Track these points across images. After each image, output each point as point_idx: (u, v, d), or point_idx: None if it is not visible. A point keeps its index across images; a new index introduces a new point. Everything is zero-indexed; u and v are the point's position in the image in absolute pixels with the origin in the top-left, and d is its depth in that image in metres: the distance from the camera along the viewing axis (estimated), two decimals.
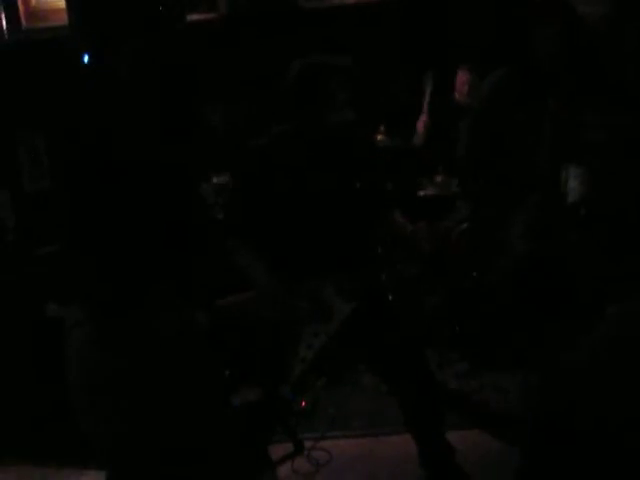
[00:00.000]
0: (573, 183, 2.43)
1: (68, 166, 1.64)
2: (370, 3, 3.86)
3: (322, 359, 2.38)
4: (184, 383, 1.52)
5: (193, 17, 3.35)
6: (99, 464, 1.64)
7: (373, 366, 2.65)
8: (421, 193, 3.80)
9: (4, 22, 3.07)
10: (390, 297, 2.63)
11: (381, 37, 3.86)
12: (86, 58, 2.95)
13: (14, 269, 3.16)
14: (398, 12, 3.91)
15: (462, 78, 3.78)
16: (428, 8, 3.88)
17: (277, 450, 2.46)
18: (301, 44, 3.59)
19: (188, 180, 1.55)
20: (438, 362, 3.34)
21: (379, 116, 3.82)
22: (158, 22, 2.58)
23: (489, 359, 3.38)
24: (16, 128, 3.15)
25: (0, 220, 3.13)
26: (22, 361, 3.23)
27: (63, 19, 3.01)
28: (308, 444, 2.68)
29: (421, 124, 3.87)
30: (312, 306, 2.37)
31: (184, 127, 2.74)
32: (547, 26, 2.40)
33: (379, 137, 3.89)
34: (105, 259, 1.48)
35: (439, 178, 3.84)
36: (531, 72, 2.52)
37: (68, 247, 1.55)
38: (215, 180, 3.49)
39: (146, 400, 1.47)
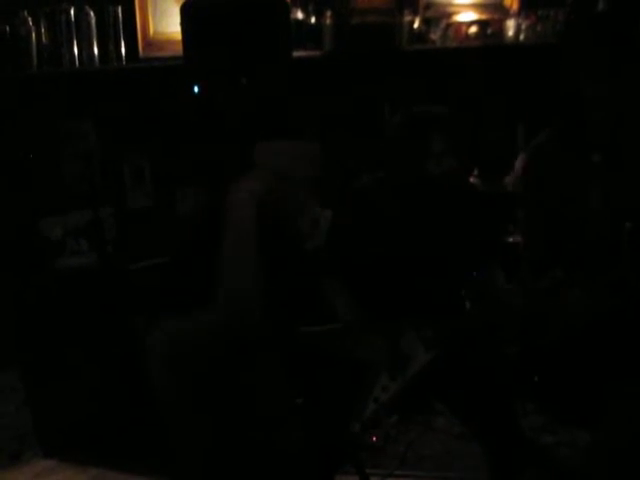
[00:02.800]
0: None
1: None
2: (472, 48, 3.89)
3: (396, 403, 2.39)
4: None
5: (298, 54, 3.45)
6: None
7: (453, 413, 2.63)
8: (510, 239, 3.76)
9: (123, 50, 3.26)
10: (470, 344, 2.62)
11: (479, 82, 3.87)
12: (196, 88, 3.13)
13: (110, 280, 3.33)
14: (501, 58, 3.92)
15: None
16: (531, 55, 3.87)
17: None
18: (402, 85, 3.66)
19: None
20: None
21: (473, 160, 3.82)
22: (265, 59, 2.72)
23: (567, 415, 3.29)
24: (124, 149, 3.33)
25: (102, 233, 3.30)
26: (110, 371, 3.39)
27: (178, 50, 3.20)
28: None
29: (520, 163, 3.83)
30: (392, 349, 2.39)
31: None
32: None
33: (473, 181, 3.89)
34: None
35: None
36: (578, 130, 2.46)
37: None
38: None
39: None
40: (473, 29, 3.93)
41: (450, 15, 3.91)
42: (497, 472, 2.44)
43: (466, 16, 3.93)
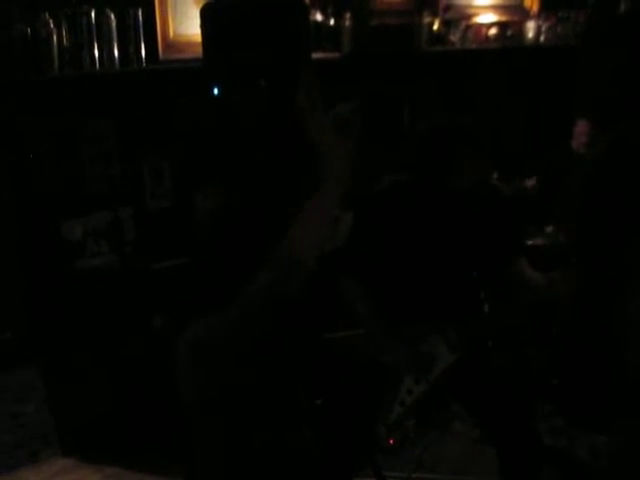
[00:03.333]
0: None
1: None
2: (492, 50, 3.87)
3: (420, 405, 2.40)
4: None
5: (317, 55, 3.46)
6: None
7: (470, 415, 2.62)
8: (529, 242, 3.74)
9: (143, 52, 3.27)
10: (491, 346, 2.62)
11: (499, 83, 3.86)
12: (216, 90, 3.14)
13: (129, 280, 3.35)
14: (521, 59, 3.90)
15: (581, 128, 3.73)
16: (551, 56, 3.85)
17: None
18: (421, 87, 3.66)
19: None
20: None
21: (493, 163, 3.81)
22: (285, 61, 2.71)
23: (586, 418, 3.27)
24: (143, 150, 3.35)
25: (121, 234, 3.32)
26: (129, 372, 3.41)
27: (198, 52, 3.21)
28: None
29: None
30: (415, 352, 2.39)
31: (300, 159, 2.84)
32: None
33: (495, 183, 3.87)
34: None
35: (549, 228, 3.78)
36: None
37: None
38: None
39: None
40: (493, 31, 3.92)
41: (470, 17, 3.90)
42: (510, 476, 2.43)
43: (486, 18, 3.92)
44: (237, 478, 1.56)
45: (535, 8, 3.92)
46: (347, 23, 3.66)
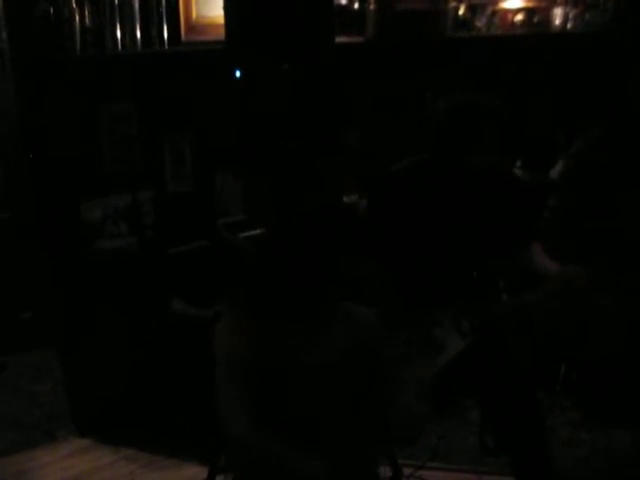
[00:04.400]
0: None
1: None
2: (518, 36, 3.82)
3: (431, 391, 2.38)
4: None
5: (341, 39, 3.42)
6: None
7: (482, 403, 2.61)
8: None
9: (165, 34, 3.25)
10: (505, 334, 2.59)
11: (525, 71, 3.80)
12: (237, 72, 3.12)
13: (148, 263, 3.35)
14: (546, 48, 3.84)
15: None
16: (578, 44, 3.80)
17: None
18: (445, 73, 3.61)
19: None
20: (549, 406, 3.23)
21: (517, 150, 3.76)
22: (308, 44, 2.69)
23: (605, 412, 3.24)
24: (165, 133, 3.33)
25: (141, 216, 3.31)
26: (147, 353, 3.42)
27: (220, 34, 3.19)
28: (407, 471, 2.66)
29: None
30: (427, 337, 2.38)
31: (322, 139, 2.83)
32: None
33: (516, 171, 3.82)
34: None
35: None
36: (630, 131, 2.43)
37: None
38: (345, 199, 3.55)
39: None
40: (519, 17, 3.86)
41: (496, 2, 3.85)
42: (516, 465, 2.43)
43: (512, 3, 3.86)
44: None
45: None
46: (371, 7, 3.61)
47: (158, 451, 3.28)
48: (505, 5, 3.85)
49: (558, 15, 3.84)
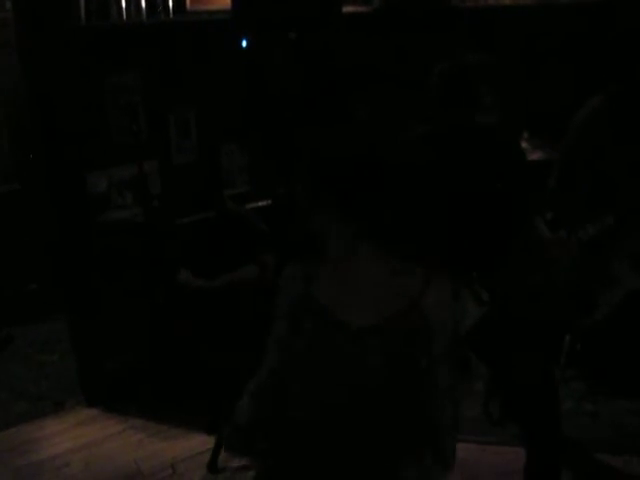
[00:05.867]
0: None
1: None
2: (527, 5, 3.77)
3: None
4: None
5: (347, 9, 3.39)
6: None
7: (493, 374, 2.62)
8: None
9: (170, 3, 3.22)
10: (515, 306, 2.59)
11: (534, 40, 3.76)
12: (244, 42, 3.09)
13: (155, 234, 3.35)
14: (554, 15, 3.79)
15: None
16: (588, 14, 3.74)
17: None
18: (452, 43, 3.57)
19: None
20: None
21: (524, 122, 3.73)
22: (315, 14, 2.66)
23: (608, 384, 3.26)
24: (170, 103, 3.31)
25: (146, 187, 3.31)
26: (154, 323, 3.44)
27: (225, 3, 3.16)
28: None
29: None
30: None
31: (328, 112, 2.80)
32: None
33: (522, 145, 3.79)
34: None
35: None
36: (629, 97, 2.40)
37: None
38: None
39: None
40: None
41: None
42: (526, 435, 2.43)
43: None
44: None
45: None
46: None
47: (165, 421, 3.31)
48: None
49: None
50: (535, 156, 3.70)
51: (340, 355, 1.45)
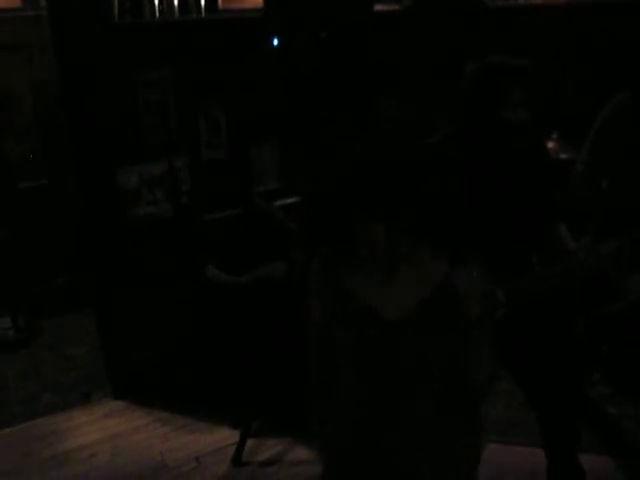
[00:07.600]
0: None
1: None
2: (558, 5, 3.74)
3: None
4: None
5: (378, 7, 3.39)
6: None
7: (514, 374, 2.61)
8: None
9: (203, 1, 3.24)
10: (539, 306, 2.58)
11: (566, 40, 3.73)
12: (275, 41, 3.11)
13: (184, 230, 3.38)
14: (585, 16, 3.76)
15: None
16: (620, 14, 3.71)
17: None
18: (481, 42, 3.55)
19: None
20: None
21: (553, 122, 3.71)
22: (346, 13, 2.67)
23: (634, 387, 3.23)
24: (201, 100, 3.33)
25: (176, 183, 3.34)
26: (182, 318, 3.47)
27: (257, 2, 3.18)
28: None
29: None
30: None
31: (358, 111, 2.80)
32: None
33: (551, 145, 3.77)
34: None
35: None
36: None
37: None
38: None
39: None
40: None
41: None
42: (547, 437, 2.43)
43: None
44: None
45: None
46: None
47: (191, 414, 3.34)
48: None
49: None
50: (564, 156, 3.68)
51: (376, 344, 1.49)
